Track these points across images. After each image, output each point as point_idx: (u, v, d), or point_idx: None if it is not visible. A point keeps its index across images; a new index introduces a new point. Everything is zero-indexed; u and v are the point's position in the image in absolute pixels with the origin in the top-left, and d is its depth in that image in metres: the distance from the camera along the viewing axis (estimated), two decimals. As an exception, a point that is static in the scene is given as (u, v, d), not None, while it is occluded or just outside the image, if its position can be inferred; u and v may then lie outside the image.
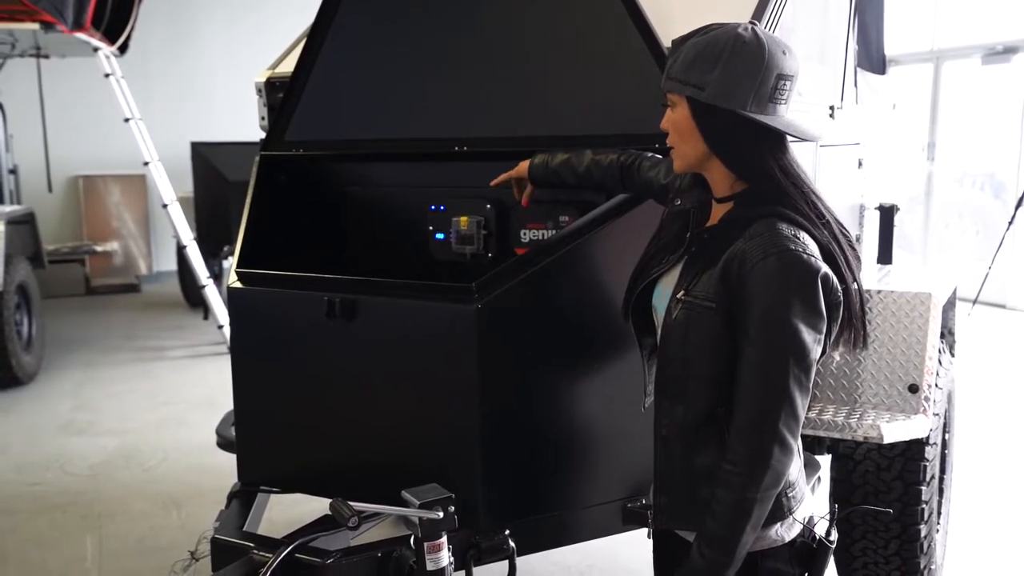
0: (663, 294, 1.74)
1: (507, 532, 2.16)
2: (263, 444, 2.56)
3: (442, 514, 1.86)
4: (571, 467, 2.32)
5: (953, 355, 3.59)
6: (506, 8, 2.60)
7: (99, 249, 10.30)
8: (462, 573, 2.09)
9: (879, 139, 4.00)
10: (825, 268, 1.54)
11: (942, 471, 3.25)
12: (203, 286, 7.24)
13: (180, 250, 7.86)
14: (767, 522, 1.59)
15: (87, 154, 10.11)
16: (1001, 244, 7.77)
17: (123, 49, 7.51)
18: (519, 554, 2.16)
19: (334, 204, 3.06)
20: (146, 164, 7.28)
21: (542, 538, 2.34)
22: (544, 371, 2.26)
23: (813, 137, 1.72)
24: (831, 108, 2.96)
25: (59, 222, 10.18)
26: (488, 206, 2.79)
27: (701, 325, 1.59)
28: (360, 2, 2.73)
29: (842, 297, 1.58)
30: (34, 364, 6.54)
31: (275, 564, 2.02)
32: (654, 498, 1.76)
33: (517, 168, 2.43)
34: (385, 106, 2.73)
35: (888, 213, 3.79)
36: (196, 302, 8.44)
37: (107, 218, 10.49)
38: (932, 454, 2.79)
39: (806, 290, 1.52)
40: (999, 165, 9.56)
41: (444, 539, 1.89)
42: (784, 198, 1.59)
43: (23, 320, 6.61)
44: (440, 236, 2.88)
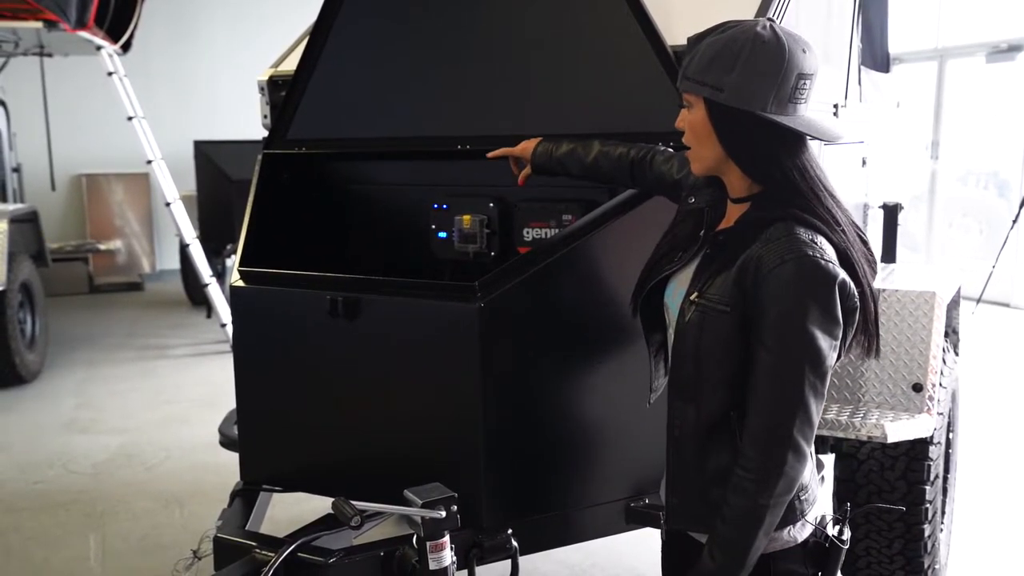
0: (676, 292, 1.71)
1: (510, 531, 2.15)
2: (266, 443, 2.55)
3: (445, 513, 1.85)
4: (574, 466, 2.31)
5: (957, 354, 3.58)
6: (508, 6, 2.60)
7: (102, 247, 10.31)
8: (465, 572, 2.09)
9: (883, 137, 4.00)
10: (842, 274, 1.52)
11: (946, 470, 3.25)
12: (206, 284, 7.25)
13: (183, 248, 7.86)
14: (780, 525, 1.58)
15: (90, 152, 10.13)
16: (1005, 243, 7.76)
17: (126, 47, 7.52)
18: (522, 553, 2.15)
19: (337, 203, 3.06)
20: (149, 163, 7.29)
21: (545, 537, 2.34)
22: (547, 370, 2.25)
23: (834, 137, 1.66)
24: (835, 106, 2.95)
25: (62, 220, 10.19)
26: (491, 205, 2.79)
27: (715, 328, 1.57)
28: (363, 0, 2.72)
29: (858, 303, 1.55)
30: (37, 362, 6.55)
31: (277, 563, 2.02)
32: (666, 498, 1.75)
33: (520, 147, 2.36)
34: (388, 104, 2.73)
35: (892, 212, 3.78)
36: (199, 300, 8.45)
37: (110, 216, 10.50)
38: (936, 453, 2.79)
39: (823, 296, 1.49)
40: (1003, 163, 9.54)
41: (447, 538, 1.89)
42: (801, 200, 1.56)
43: (26, 318, 6.62)
44: (443, 235, 2.88)
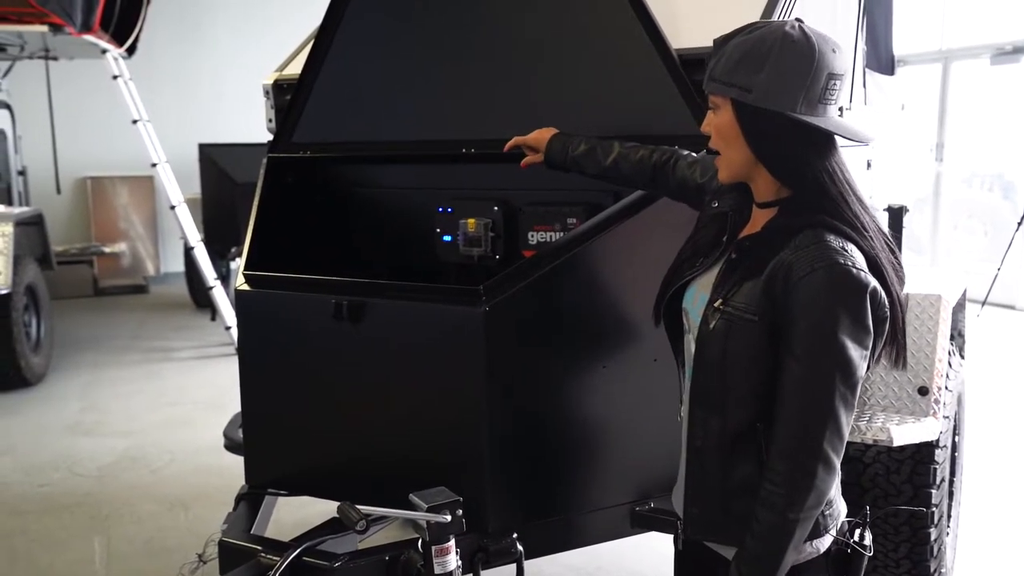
0: (696, 296, 1.68)
1: (515, 535, 2.15)
2: (271, 446, 2.56)
3: (450, 517, 1.85)
4: (579, 470, 2.31)
5: (963, 357, 3.57)
6: (513, 10, 2.60)
7: (107, 250, 10.34)
8: (470, 576, 2.09)
9: (888, 140, 3.99)
10: (874, 282, 1.48)
11: (952, 474, 3.24)
12: (210, 287, 7.25)
13: (188, 251, 7.86)
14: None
15: (95, 155, 10.15)
16: (1010, 245, 7.75)
17: (131, 51, 7.54)
18: (527, 557, 2.15)
19: (341, 206, 3.07)
20: (154, 166, 7.30)
21: (550, 541, 2.34)
22: (552, 374, 2.25)
23: (865, 139, 1.63)
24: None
25: (67, 223, 10.22)
26: (496, 208, 2.79)
27: (742, 337, 1.54)
28: (368, 4, 2.73)
29: (888, 312, 1.52)
30: (42, 365, 6.56)
31: (283, 567, 2.02)
32: (684, 508, 1.71)
33: (534, 136, 2.31)
34: (393, 108, 2.73)
35: (897, 214, 3.77)
36: (203, 303, 8.46)
37: (115, 219, 10.53)
38: (942, 457, 2.78)
39: (854, 305, 1.46)
40: (1008, 165, 9.53)
41: (452, 543, 1.88)
42: (831, 205, 1.53)
43: (32, 321, 6.63)
44: (447, 238, 2.88)
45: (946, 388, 2.73)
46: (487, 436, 2.17)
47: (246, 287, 2.51)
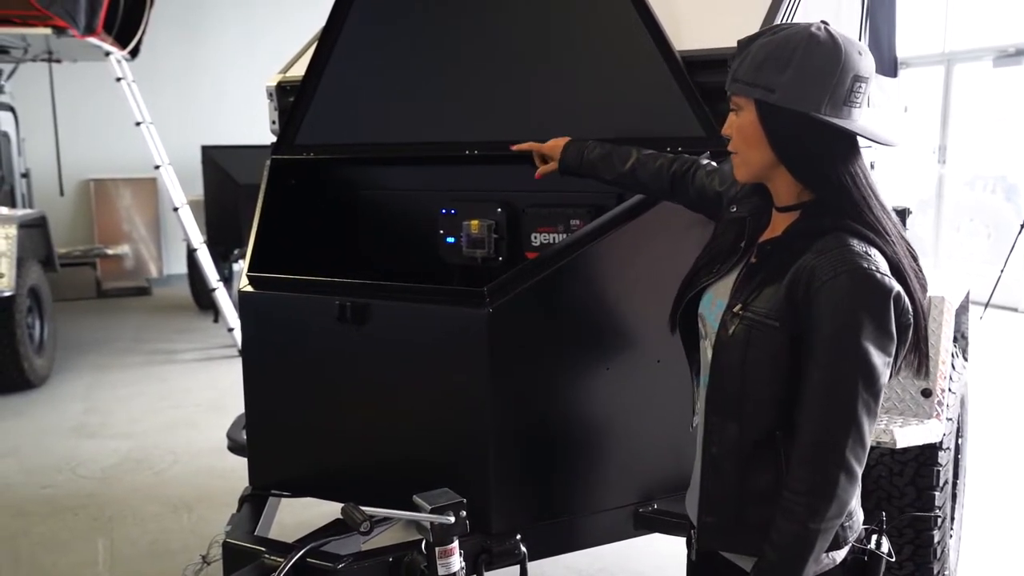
0: (713, 302, 1.66)
1: (518, 537, 2.15)
2: (274, 448, 2.56)
3: (453, 519, 1.85)
4: (582, 471, 2.31)
5: (966, 359, 3.57)
6: (516, 12, 2.60)
7: (110, 252, 10.35)
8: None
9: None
10: (898, 287, 1.45)
11: (955, 476, 3.23)
12: (213, 289, 7.27)
13: (190, 253, 7.89)
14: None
15: (98, 158, 10.17)
16: (1013, 247, 7.74)
17: (134, 53, 7.56)
18: (530, 559, 2.15)
19: (345, 208, 3.07)
20: (157, 168, 7.32)
21: (553, 543, 2.34)
22: (555, 375, 2.25)
23: (889, 142, 1.57)
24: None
25: (70, 225, 10.24)
26: (499, 210, 2.79)
27: (763, 343, 1.51)
28: (371, 6, 2.73)
29: (912, 319, 1.49)
30: (46, 367, 6.57)
31: (286, 568, 2.02)
32: (699, 517, 1.68)
33: (550, 144, 2.30)
34: (396, 110, 2.74)
35: (900, 216, 3.76)
36: (206, 305, 8.47)
37: (118, 221, 10.54)
38: (945, 459, 2.78)
39: (878, 311, 1.43)
40: (1011, 168, 9.53)
41: (455, 544, 1.88)
42: (853, 209, 1.50)
43: (35, 323, 6.64)
44: (451, 240, 2.88)
45: (949, 390, 2.73)
46: (491, 437, 2.17)
47: (250, 289, 2.52)
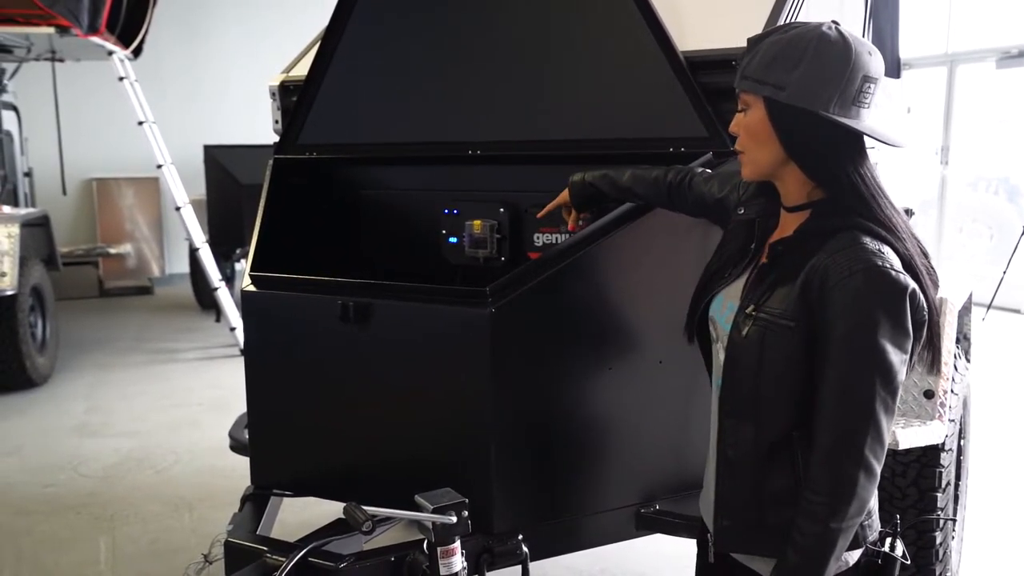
0: (724, 304, 1.66)
1: (520, 537, 2.15)
2: (276, 447, 2.56)
3: (455, 519, 1.85)
4: (585, 471, 2.31)
5: (968, 360, 3.57)
6: (519, 12, 2.60)
7: (112, 251, 10.36)
8: (475, 578, 2.09)
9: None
10: (912, 284, 1.45)
11: (957, 477, 3.23)
12: (215, 288, 7.28)
13: (193, 253, 7.89)
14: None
15: (101, 157, 10.18)
16: (1016, 248, 7.73)
17: (137, 52, 7.57)
18: (532, 559, 2.15)
19: (347, 207, 3.07)
20: (159, 167, 7.33)
21: (555, 543, 2.34)
22: (558, 375, 2.25)
23: (897, 143, 1.56)
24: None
25: (73, 224, 10.24)
26: (501, 210, 2.79)
27: (778, 344, 1.51)
28: (374, 6, 2.73)
29: (926, 315, 1.49)
30: (48, 366, 6.57)
31: (288, 568, 2.02)
32: (714, 520, 1.68)
33: (560, 196, 2.34)
34: (398, 109, 2.74)
35: (903, 217, 3.77)
36: (208, 304, 8.48)
37: (120, 220, 10.55)
38: (948, 460, 2.77)
39: (894, 308, 1.43)
40: (1013, 169, 9.52)
41: (457, 544, 1.88)
42: (864, 207, 1.50)
43: (37, 322, 6.65)
44: (453, 240, 2.88)
45: (952, 392, 2.73)
46: (493, 437, 2.17)
47: (252, 288, 2.52)
